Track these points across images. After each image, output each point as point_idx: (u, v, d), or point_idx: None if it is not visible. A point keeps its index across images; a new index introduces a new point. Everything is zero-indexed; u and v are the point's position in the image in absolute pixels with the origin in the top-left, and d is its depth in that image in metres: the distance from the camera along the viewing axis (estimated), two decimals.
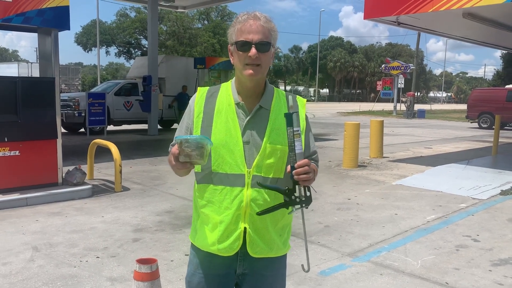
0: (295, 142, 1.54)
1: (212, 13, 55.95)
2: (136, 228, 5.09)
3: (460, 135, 18.35)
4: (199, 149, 1.48)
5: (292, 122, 1.54)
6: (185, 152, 1.48)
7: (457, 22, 11.00)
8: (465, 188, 7.53)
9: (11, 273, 3.77)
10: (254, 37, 1.61)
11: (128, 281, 3.64)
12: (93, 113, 13.93)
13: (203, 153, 1.49)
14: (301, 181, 1.56)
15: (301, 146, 1.56)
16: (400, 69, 32.48)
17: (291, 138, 1.54)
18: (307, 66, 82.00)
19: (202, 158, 1.50)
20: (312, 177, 1.59)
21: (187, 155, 1.49)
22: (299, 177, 1.55)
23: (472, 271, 4.04)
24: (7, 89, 5.95)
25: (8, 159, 5.99)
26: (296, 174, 1.55)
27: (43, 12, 6.10)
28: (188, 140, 1.48)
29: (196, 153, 1.48)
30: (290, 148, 1.56)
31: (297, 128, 1.54)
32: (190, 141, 1.48)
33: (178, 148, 1.49)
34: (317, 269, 4.01)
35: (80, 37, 52.87)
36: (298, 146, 1.54)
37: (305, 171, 1.55)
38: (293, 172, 1.54)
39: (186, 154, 1.49)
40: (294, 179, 1.55)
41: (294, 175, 1.55)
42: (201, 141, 1.49)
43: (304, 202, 1.58)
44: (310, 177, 1.57)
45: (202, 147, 1.48)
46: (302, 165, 1.55)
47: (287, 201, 1.59)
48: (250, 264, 1.74)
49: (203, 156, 1.49)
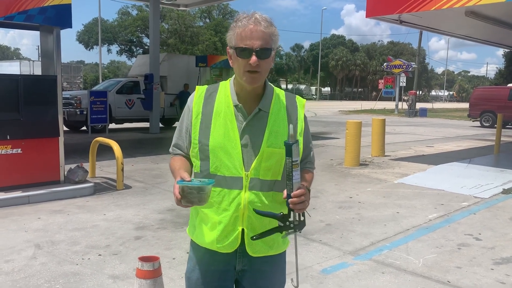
0: (293, 171, 1.54)
1: (213, 11, 55.94)
2: (138, 226, 5.09)
3: (462, 134, 18.32)
4: (200, 194, 1.51)
5: (292, 152, 1.54)
6: (187, 199, 1.52)
7: (460, 21, 10.98)
8: (467, 187, 7.52)
9: (13, 270, 3.78)
10: (254, 43, 1.58)
11: (130, 279, 3.64)
12: (95, 111, 13.94)
13: (202, 197, 1.52)
14: (296, 210, 1.58)
15: (298, 176, 1.56)
16: (402, 67, 32.43)
17: (289, 168, 1.55)
18: (309, 65, 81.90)
19: (202, 202, 1.53)
20: (307, 205, 1.60)
21: (189, 201, 1.53)
22: (295, 206, 1.56)
23: (474, 270, 4.04)
24: (9, 87, 5.96)
25: (10, 157, 6.00)
26: (292, 203, 1.56)
27: (45, 10, 6.10)
28: (190, 188, 1.50)
29: (198, 199, 1.52)
30: (287, 177, 1.56)
31: (296, 159, 1.54)
32: (192, 189, 1.50)
33: (180, 192, 1.52)
34: (318, 267, 4.01)
35: (82, 35, 52.92)
36: (295, 176, 1.55)
37: (300, 201, 1.56)
38: (289, 200, 1.56)
39: (188, 200, 1.53)
40: (290, 207, 1.57)
41: (290, 204, 1.56)
42: (202, 187, 1.51)
43: (297, 227, 1.60)
44: (305, 205, 1.58)
45: (203, 191, 1.51)
46: (298, 195, 1.55)
47: (281, 226, 1.61)
48: (249, 261, 1.74)
49: (203, 200, 1.53)
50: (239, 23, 1.62)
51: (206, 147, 1.67)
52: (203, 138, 1.68)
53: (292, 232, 1.61)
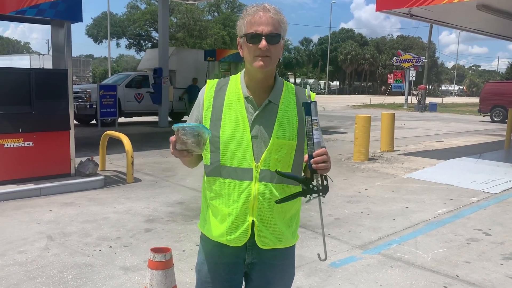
0: (313, 131, 1.53)
1: (222, 5, 55.87)
2: (148, 218, 5.15)
3: (472, 129, 18.17)
4: (195, 137, 1.49)
5: (311, 111, 1.53)
6: (181, 140, 1.49)
7: (471, 14, 10.86)
8: (476, 182, 7.48)
9: (27, 261, 3.85)
10: (264, 29, 1.61)
11: (141, 270, 3.69)
12: (104, 105, 14.03)
13: (199, 141, 1.50)
14: (319, 170, 1.56)
15: (319, 135, 1.56)
16: (412, 61, 32.16)
17: (309, 127, 1.54)
18: (318, 59, 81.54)
19: (199, 146, 1.51)
20: (329, 166, 1.59)
21: (183, 142, 1.50)
22: (318, 165, 1.55)
23: (483, 265, 4.03)
24: (21, 81, 6.03)
25: (22, 150, 6.08)
26: (315, 162, 1.55)
27: (56, 4, 6.15)
28: (185, 128, 1.48)
29: (192, 141, 1.49)
30: (308, 137, 1.56)
31: (315, 117, 1.53)
32: (186, 129, 1.49)
33: (175, 135, 1.50)
34: (327, 260, 4.02)
35: (91, 29, 53.14)
36: (316, 135, 1.53)
37: (323, 159, 1.55)
38: (312, 161, 1.54)
39: (182, 142, 1.50)
40: (313, 167, 1.55)
41: (313, 164, 1.55)
42: (198, 129, 1.49)
43: (321, 191, 1.58)
44: (328, 166, 1.58)
45: (198, 135, 1.49)
46: (320, 154, 1.55)
47: (304, 190, 1.60)
48: (258, 254, 1.76)
49: (199, 145, 1.50)
50: (248, 11, 1.67)
51: (217, 139, 1.68)
52: (214, 130, 1.69)
53: (316, 196, 1.59)
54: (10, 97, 5.94)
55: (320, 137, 1.56)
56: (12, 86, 5.96)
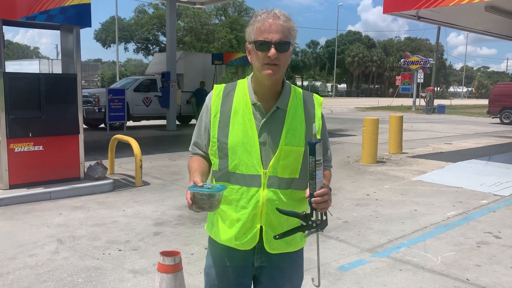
0: (316, 171, 1.55)
1: (229, 9, 56.03)
2: (156, 222, 5.17)
3: (481, 131, 18.03)
4: (210, 200, 1.53)
5: (315, 152, 1.54)
6: (198, 204, 1.54)
7: (479, 16, 10.81)
8: (486, 184, 7.42)
9: (37, 264, 3.88)
10: (273, 36, 1.60)
11: (150, 274, 3.71)
12: (113, 109, 14.10)
13: (213, 203, 1.54)
14: (319, 209, 1.59)
15: (321, 175, 1.57)
16: (420, 63, 32.01)
17: (313, 167, 1.55)
18: (325, 61, 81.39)
19: (213, 208, 1.55)
20: (329, 204, 1.61)
21: (200, 207, 1.54)
22: (318, 205, 1.57)
23: (494, 268, 4.00)
24: (31, 85, 6.10)
25: (32, 154, 6.14)
26: (315, 202, 1.57)
27: (66, 10, 6.22)
28: (201, 194, 1.52)
29: (208, 205, 1.53)
30: (310, 176, 1.57)
31: (319, 158, 1.55)
32: (202, 196, 1.52)
33: (191, 198, 1.54)
34: (336, 264, 4.02)
35: (99, 33, 53.54)
36: (318, 175, 1.55)
37: (324, 200, 1.57)
38: (312, 200, 1.57)
39: (199, 206, 1.54)
40: (313, 206, 1.58)
41: (313, 203, 1.57)
42: (213, 194, 1.52)
43: (319, 226, 1.61)
44: (328, 205, 1.59)
45: (213, 198, 1.53)
46: (321, 194, 1.56)
47: (303, 225, 1.62)
48: (267, 257, 1.76)
49: (213, 206, 1.55)
50: (258, 18, 1.65)
51: (225, 145, 1.69)
52: (221, 137, 1.70)
53: (314, 231, 1.61)
54: (20, 101, 6.00)
55: (322, 176, 1.58)
56: (22, 91, 6.02)
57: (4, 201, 5.68)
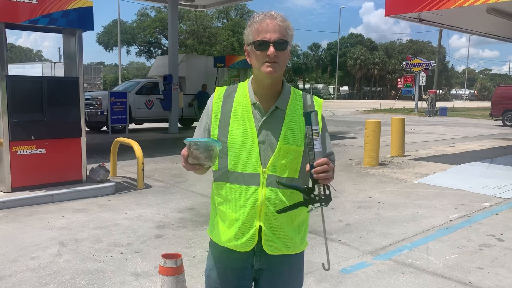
0: (314, 140, 1.54)
1: (231, 12, 56.15)
2: (158, 224, 5.17)
3: (484, 133, 18.00)
4: (207, 151, 1.52)
5: (311, 121, 1.54)
6: (194, 154, 1.52)
7: (481, 18, 10.80)
8: (489, 187, 7.40)
9: (39, 267, 3.89)
10: (271, 36, 1.63)
11: (152, 277, 3.71)
12: (115, 112, 14.14)
13: (211, 155, 1.52)
14: (321, 180, 1.57)
15: (320, 144, 1.57)
16: (422, 66, 31.97)
17: (310, 137, 1.55)
18: (327, 64, 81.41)
19: (210, 160, 1.54)
20: (331, 175, 1.59)
21: (196, 157, 1.53)
22: (318, 175, 1.56)
23: (496, 271, 3.99)
24: (33, 88, 6.12)
25: (35, 157, 6.16)
26: (316, 172, 1.55)
27: (68, 13, 6.24)
28: (197, 143, 1.51)
29: (204, 156, 1.52)
30: (309, 147, 1.57)
31: (316, 127, 1.54)
32: (198, 144, 1.51)
33: (187, 150, 1.53)
34: (338, 266, 4.02)
35: (102, 36, 53.71)
36: (317, 145, 1.54)
37: (324, 169, 1.56)
38: (312, 170, 1.54)
39: (194, 156, 1.53)
40: (314, 177, 1.56)
41: (314, 174, 1.55)
42: (209, 143, 1.52)
43: (323, 200, 1.57)
44: (329, 175, 1.58)
45: (210, 149, 1.52)
46: (321, 164, 1.55)
47: (306, 200, 1.59)
48: (266, 260, 1.76)
49: (211, 159, 1.53)
50: (255, 19, 1.69)
51: (225, 144, 1.71)
52: (222, 136, 1.72)
53: (318, 205, 1.58)
54: (23, 105, 6.02)
55: (320, 146, 1.56)
56: (24, 94, 6.05)
57: (6, 204, 5.69)
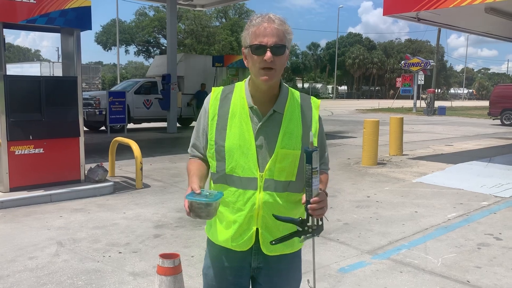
0: (313, 178, 1.56)
1: (229, 11, 56.12)
2: (157, 224, 5.17)
3: (482, 132, 18.03)
4: (207, 209, 1.54)
5: (312, 160, 1.55)
6: (196, 213, 1.55)
7: (479, 17, 10.81)
8: (487, 186, 7.41)
9: (37, 267, 3.88)
10: (269, 40, 1.61)
11: (150, 276, 3.71)
12: (113, 112, 14.12)
13: (210, 211, 1.55)
14: (315, 215, 1.59)
15: (317, 182, 1.58)
16: (420, 65, 32.01)
17: (309, 175, 1.56)
18: (325, 63, 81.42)
19: (210, 216, 1.56)
20: (325, 210, 1.61)
21: (197, 215, 1.56)
22: (314, 212, 1.58)
23: (494, 270, 3.99)
24: (31, 88, 6.11)
25: (33, 157, 6.15)
26: (311, 209, 1.57)
27: (66, 13, 6.23)
28: (198, 203, 1.53)
29: (205, 213, 1.55)
30: (307, 183, 1.57)
31: (315, 166, 1.56)
32: (200, 204, 1.53)
33: (188, 206, 1.55)
34: (336, 266, 4.02)
35: (100, 36, 53.63)
36: (315, 183, 1.57)
37: (320, 207, 1.58)
38: (309, 206, 1.58)
39: (196, 214, 1.56)
40: (309, 212, 1.59)
41: (309, 210, 1.58)
42: (209, 202, 1.54)
43: (315, 231, 1.63)
44: (323, 211, 1.60)
45: (210, 206, 1.54)
46: (317, 201, 1.57)
47: (299, 231, 1.64)
48: (264, 259, 1.76)
49: (210, 214, 1.56)
50: (253, 22, 1.66)
51: (222, 148, 1.70)
52: (219, 139, 1.71)
53: (310, 236, 1.63)
54: (21, 104, 6.01)
55: (318, 184, 1.59)
56: (22, 93, 6.03)
57: (4, 204, 5.68)
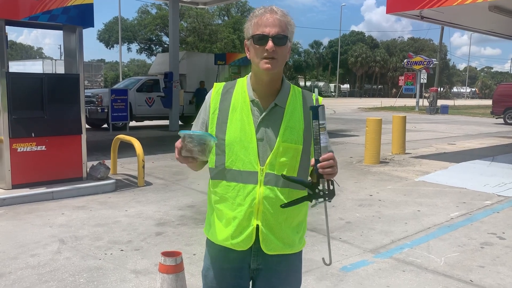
0: (321, 135, 1.52)
1: (232, 9, 56.11)
2: (159, 222, 5.16)
3: (485, 131, 17.97)
4: (201, 145, 1.49)
5: (318, 115, 1.52)
6: (187, 147, 1.50)
7: (483, 16, 10.76)
8: (490, 185, 7.38)
9: (39, 264, 3.88)
10: (271, 30, 1.60)
11: (152, 274, 3.70)
12: (115, 109, 14.12)
13: (204, 149, 1.50)
14: (325, 175, 1.55)
15: (326, 139, 1.54)
16: (423, 64, 31.94)
17: (317, 131, 1.52)
18: (328, 62, 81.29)
19: (204, 154, 1.51)
20: (336, 170, 1.57)
21: (189, 150, 1.50)
22: (324, 170, 1.53)
23: (498, 269, 3.97)
24: (34, 85, 6.10)
25: (35, 154, 6.15)
26: (321, 167, 1.53)
27: (68, 10, 6.22)
28: (191, 136, 1.49)
29: (198, 149, 1.49)
30: (315, 141, 1.54)
31: (323, 121, 1.52)
32: (193, 137, 1.49)
33: (181, 142, 1.50)
34: (338, 265, 4.00)
35: (103, 34, 53.68)
36: (323, 139, 1.52)
37: (330, 164, 1.53)
38: (318, 165, 1.52)
39: (188, 149, 1.50)
40: (319, 172, 1.54)
41: (319, 168, 1.53)
42: (204, 137, 1.50)
43: (327, 195, 1.56)
44: (334, 170, 1.56)
45: (204, 143, 1.49)
46: (327, 159, 1.53)
47: (310, 194, 1.58)
48: (264, 260, 1.74)
49: (204, 153, 1.51)
50: (256, 13, 1.66)
51: (223, 142, 1.68)
52: (219, 133, 1.69)
53: (322, 200, 1.57)
54: (23, 102, 6.01)
55: (327, 141, 1.54)
56: (24, 91, 6.03)
57: (6, 201, 5.68)
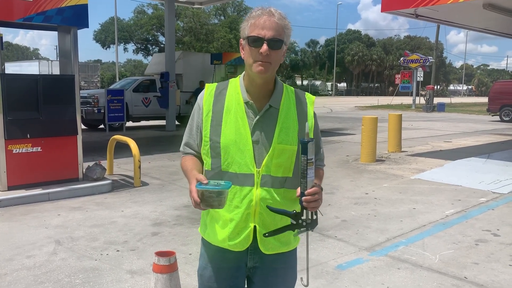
0: (308, 169, 1.54)
1: (228, 9, 56.03)
2: (155, 222, 5.17)
3: (481, 129, 18.03)
4: (219, 198, 1.51)
5: (307, 150, 1.53)
6: (207, 202, 1.52)
7: (478, 13, 10.79)
8: (485, 182, 7.42)
9: (35, 265, 3.88)
10: (266, 33, 1.59)
11: (148, 274, 3.71)
12: (112, 110, 14.10)
13: (222, 200, 1.52)
14: (310, 208, 1.57)
15: (313, 174, 1.56)
16: (419, 62, 31.99)
17: (304, 166, 1.54)
18: (324, 60, 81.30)
19: (221, 205, 1.53)
20: (320, 203, 1.59)
21: (209, 204, 1.52)
22: (309, 204, 1.56)
23: (492, 266, 4.00)
24: (29, 86, 6.09)
25: (31, 155, 6.14)
26: (306, 201, 1.55)
27: (63, 11, 6.21)
28: (211, 192, 1.50)
29: (217, 203, 1.52)
30: (302, 175, 1.55)
31: (311, 157, 1.54)
32: (212, 193, 1.50)
33: (199, 196, 1.52)
34: (334, 263, 4.02)
35: (99, 34, 53.55)
36: (310, 174, 1.54)
37: (314, 199, 1.55)
38: (303, 198, 1.55)
39: (207, 204, 1.52)
40: (303, 205, 1.57)
41: (304, 202, 1.56)
42: (222, 190, 1.51)
43: (310, 225, 1.60)
44: (318, 204, 1.58)
45: (222, 195, 1.51)
46: (312, 193, 1.54)
47: (294, 224, 1.61)
48: (260, 258, 1.75)
49: (222, 203, 1.53)
50: (253, 14, 1.65)
51: (218, 144, 1.68)
52: (214, 136, 1.69)
53: (305, 230, 1.60)
54: (18, 103, 6.00)
55: (313, 175, 1.56)
56: (20, 92, 6.02)
57: (2, 203, 5.68)
